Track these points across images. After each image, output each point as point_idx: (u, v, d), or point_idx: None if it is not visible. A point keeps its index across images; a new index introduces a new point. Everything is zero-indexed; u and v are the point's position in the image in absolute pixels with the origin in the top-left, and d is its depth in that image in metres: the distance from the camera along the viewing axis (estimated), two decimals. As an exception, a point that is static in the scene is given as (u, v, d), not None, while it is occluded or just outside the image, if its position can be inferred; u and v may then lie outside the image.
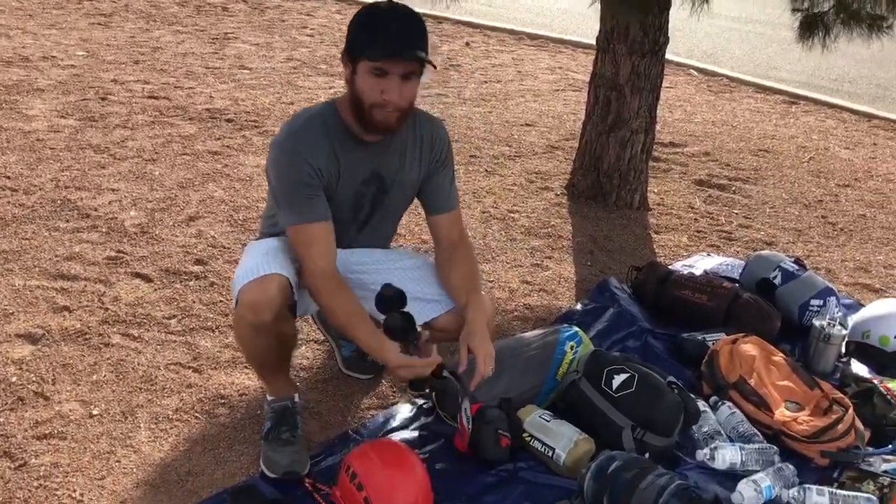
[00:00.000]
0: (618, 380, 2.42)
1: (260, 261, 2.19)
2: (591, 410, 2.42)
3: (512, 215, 4.05)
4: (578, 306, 3.18)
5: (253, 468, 2.29)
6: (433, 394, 2.55)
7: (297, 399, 2.39)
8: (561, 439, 2.34)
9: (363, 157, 2.26)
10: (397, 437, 2.44)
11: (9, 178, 3.91)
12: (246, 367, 2.67)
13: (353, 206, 2.34)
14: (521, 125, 5.59)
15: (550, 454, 2.33)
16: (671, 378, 2.48)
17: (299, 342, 2.76)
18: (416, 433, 2.46)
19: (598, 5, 3.98)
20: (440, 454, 2.37)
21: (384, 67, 2.07)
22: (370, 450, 2.17)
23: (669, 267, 3.59)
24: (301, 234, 2.21)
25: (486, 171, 4.66)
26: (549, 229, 3.94)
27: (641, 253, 3.81)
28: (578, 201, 4.27)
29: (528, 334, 2.73)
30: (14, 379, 2.55)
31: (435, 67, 2.16)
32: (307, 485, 2.22)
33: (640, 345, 2.95)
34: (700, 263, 3.66)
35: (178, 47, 6.56)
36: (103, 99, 5.13)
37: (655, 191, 4.57)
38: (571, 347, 2.64)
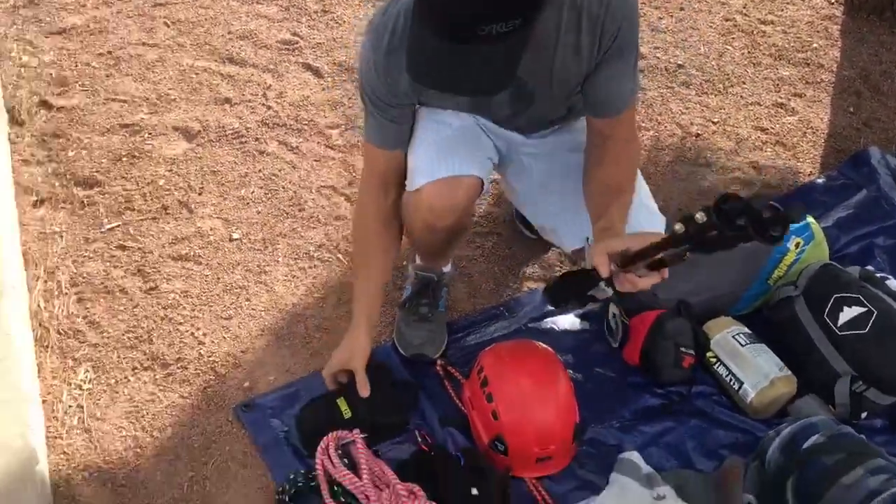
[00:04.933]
0: (848, 313, 1.85)
1: (451, 144, 1.69)
2: (802, 342, 1.89)
3: (763, 28, 3.22)
4: (821, 179, 2.49)
5: (386, 333, 2.03)
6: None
7: (447, 270, 2.05)
8: (754, 373, 1.86)
9: None
10: (552, 324, 2.06)
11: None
12: (402, 203, 2.35)
13: (477, 113, 1.77)
14: None
15: (737, 387, 1.87)
16: (924, 319, 1.86)
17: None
18: (575, 326, 2.07)
19: None
20: (600, 360, 1.98)
21: None
22: (506, 354, 1.82)
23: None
24: (364, 153, 1.77)
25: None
26: (809, 53, 3.10)
27: (928, 101, 2.93)
28: (858, 16, 3.32)
29: (743, 217, 2.16)
30: (162, 182, 2.39)
31: None
32: (438, 368, 1.94)
33: (893, 244, 2.28)
34: None
35: None
36: None
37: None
38: (797, 245, 2.06)
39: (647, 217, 1.76)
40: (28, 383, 1.80)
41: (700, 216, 1.30)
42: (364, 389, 1.75)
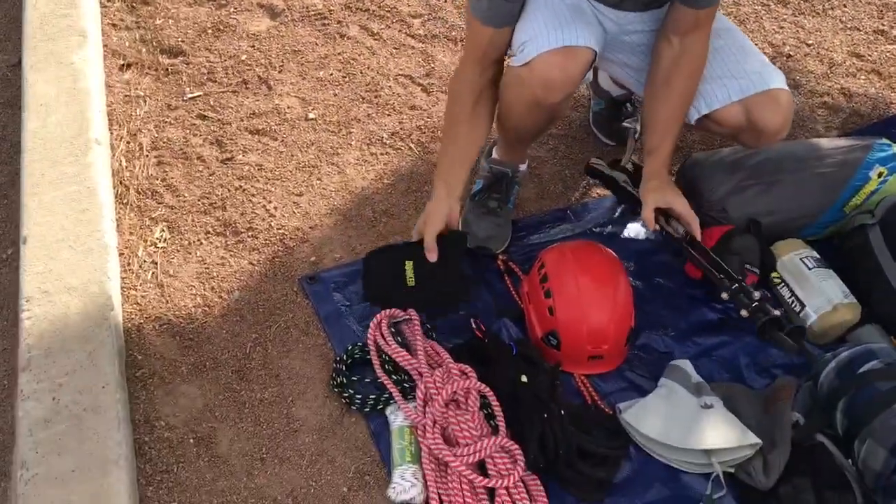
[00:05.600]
0: (924, 246, 1.80)
1: (564, 18, 1.67)
2: (871, 271, 1.86)
3: (874, -51, 3.06)
4: (916, 110, 2.40)
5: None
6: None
7: (522, 169, 2.05)
8: (818, 296, 1.83)
9: None
10: (616, 231, 2.06)
11: None
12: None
13: None
14: None
15: (798, 309, 1.86)
16: None
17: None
18: (640, 235, 2.06)
19: None
20: (662, 270, 1.98)
21: None
22: (569, 253, 1.83)
23: None
24: (468, 27, 1.75)
25: None
26: (920, -20, 2.94)
27: None
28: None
29: (826, 142, 2.10)
30: (244, 57, 2.42)
31: None
32: (499, 263, 1.97)
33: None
34: None
35: None
36: None
37: None
38: (880, 174, 1.99)
39: (777, 77, 1.82)
40: (107, 235, 1.88)
41: (744, 314, 1.72)
42: (431, 254, 1.78)
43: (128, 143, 2.15)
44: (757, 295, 1.71)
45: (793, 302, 1.87)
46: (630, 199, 1.96)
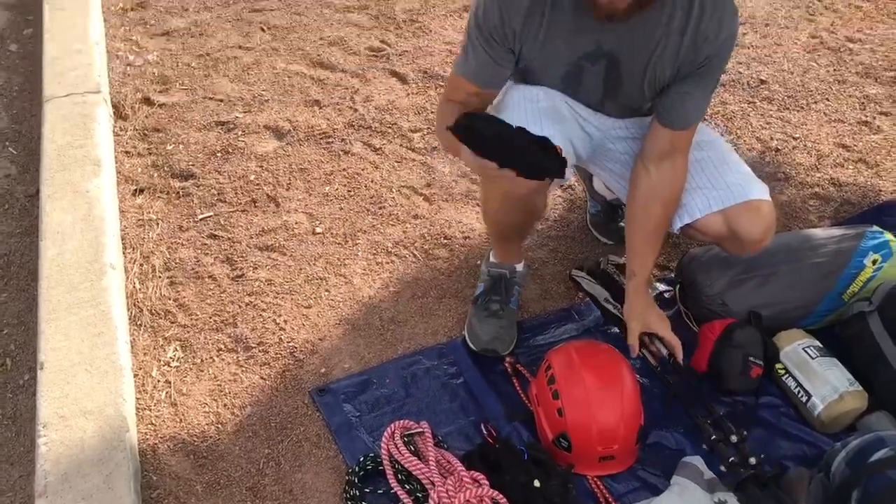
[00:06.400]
0: (924, 331, 1.83)
1: (534, 117, 1.73)
2: (873, 358, 1.88)
3: (850, 46, 3.19)
4: (904, 197, 2.47)
5: (457, 329, 2.09)
6: (677, 287, 2.14)
7: (519, 269, 2.10)
8: (823, 386, 1.85)
9: (586, 27, 1.63)
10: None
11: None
12: (478, 204, 2.41)
13: (570, 86, 1.78)
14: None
15: (805, 400, 1.87)
16: None
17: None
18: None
19: None
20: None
21: None
22: (575, 353, 1.86)
23: None
24: (449, 83, 1.81)
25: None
26: (898, 72, 3.06)
27: None
28: (951, 35, 3.26)
29: (820, 232, 2.15)
30: (252, 177, 2.51)
31: None
32: (507, 366, 2.00)
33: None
34: None
35: None
36: None
37: None
38: (874, 262, 2.04)
39: (758, 188, 1.86)
40: (122, 357, 1.93)
41: (723, 469, 1.71)
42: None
43: (141, 265, 2.22)
44: (735, 438, 1.74)
45: (799, 392, 1.88)
46: (613, 319, 2.04)
